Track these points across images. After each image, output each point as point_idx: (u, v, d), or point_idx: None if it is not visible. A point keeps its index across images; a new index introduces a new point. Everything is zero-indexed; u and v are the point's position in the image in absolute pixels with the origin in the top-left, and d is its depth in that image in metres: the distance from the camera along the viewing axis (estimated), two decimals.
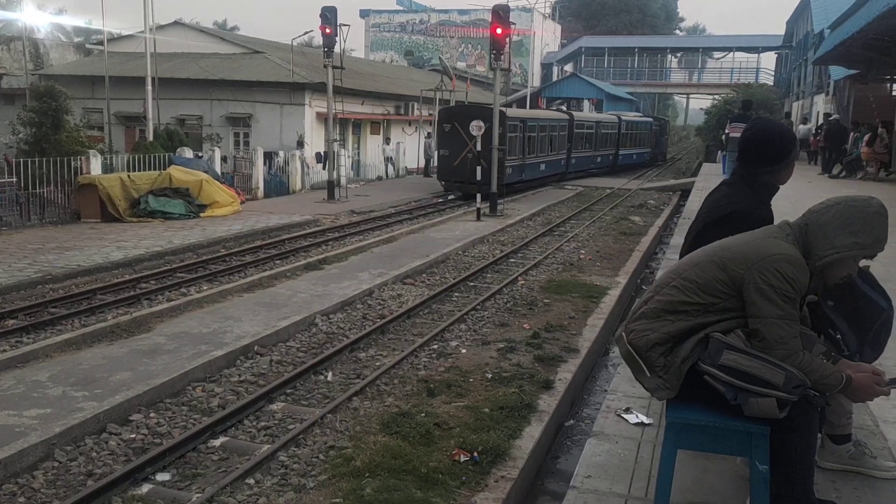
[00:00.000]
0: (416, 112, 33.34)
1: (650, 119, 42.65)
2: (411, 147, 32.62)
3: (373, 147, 30.61)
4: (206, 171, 18.43)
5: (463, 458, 5.56)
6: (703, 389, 2.84)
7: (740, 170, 3.55)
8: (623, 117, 36.72)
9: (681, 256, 3.44)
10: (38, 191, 15.61)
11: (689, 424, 2.85)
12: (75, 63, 30.19)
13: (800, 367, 2.74)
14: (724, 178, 3.82)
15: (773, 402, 2.69)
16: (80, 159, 16.51)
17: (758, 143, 3.43)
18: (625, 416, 4.26)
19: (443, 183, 23.94)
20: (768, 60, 58.40)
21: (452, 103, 34.49)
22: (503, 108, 23.51)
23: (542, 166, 27.06)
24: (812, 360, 2.80)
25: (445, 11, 57.83)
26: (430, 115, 33.78)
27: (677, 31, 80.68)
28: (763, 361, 2.73)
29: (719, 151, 27.52)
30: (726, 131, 18.11)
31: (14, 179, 15.34)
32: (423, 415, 6.35)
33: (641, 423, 4.18)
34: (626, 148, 36.13)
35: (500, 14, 18.68)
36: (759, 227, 3.07)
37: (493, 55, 19.22)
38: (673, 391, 2.91)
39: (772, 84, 52.28)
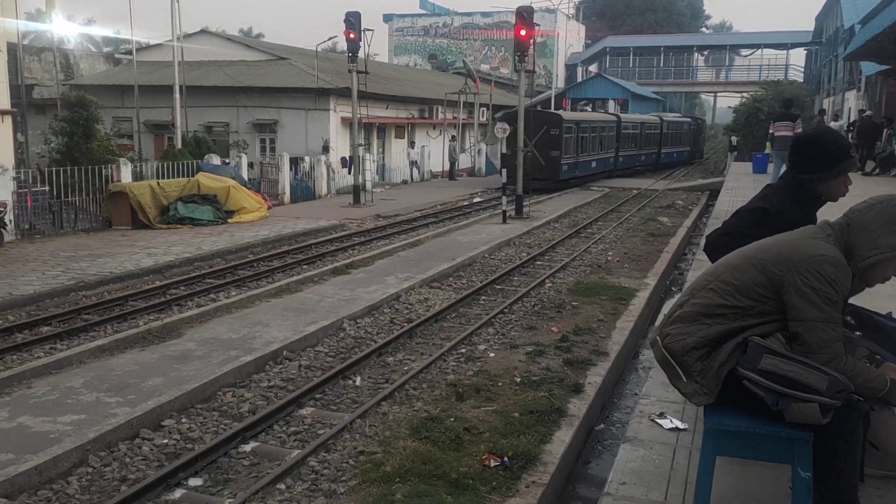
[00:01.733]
0: (441, 115, 33.36)
1: (689, 119, 44.80)
2: (436, 150, 32.64)
3: (397, 151, 30.68)
4: (233, 178, 18.60)
5: (493, 464, 5.52)
6: (742, 395, 2.77)
7: (788, 175, 3.46)
8: (664, 118, 39.37)
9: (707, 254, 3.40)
10: (70, 199, 15.86)
11: (727, 430, 2.78)
12: (105, 73, 30.66)
13: (843, 371, 2.66)
14: (769, 183, 3.75)
15: (815, 407, 2.61)
16: (111, 167, 16.75)
17: (805, 148, 3.34)
18: (659, 421, 4.18)
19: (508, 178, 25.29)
20: (797, 57, 57.63)
21: (476, 106, 34.55)
22: (558, 112, 28.01)
23: (594, 164, 29.44)
24: (855, 363, 2.72)
25: (468, 14, 57.83)
26: (455, 118, 33.81)
27: (704, 29, 79.75)
28: (804, 366, 2.66)
29: (753, 153, 27.13)
30: (770, 130, 17.83)
31: (47, 188, 15.60)
32: (452, 419, 6.32)
33: (676, 429, 4.11)
34: (668, 147, 38.29)
35: (524, 16, 18.62)
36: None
37: (517, 57, 19.16)
38: (711, 396, 2.84)
39: (801, 81, 51.52)
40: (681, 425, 4.15)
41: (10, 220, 14.07)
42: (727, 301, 2.84)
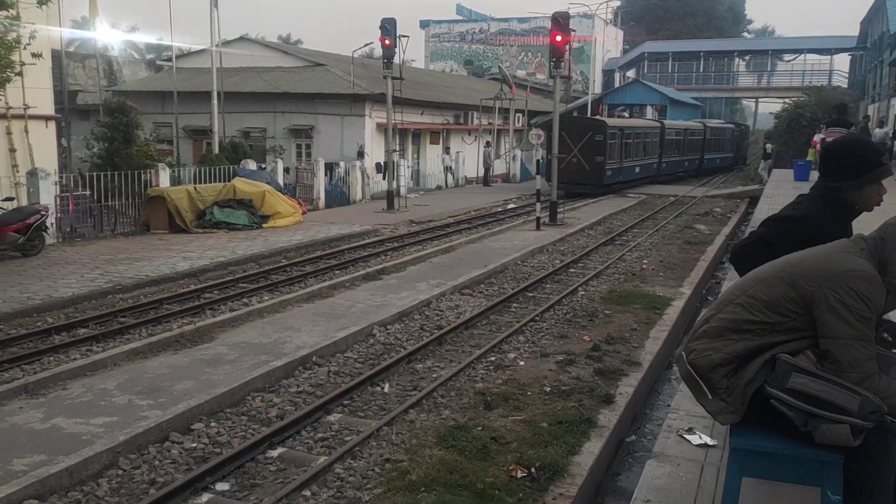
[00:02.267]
0: (476, 121, 33.34)
1: (732, 125, 44.92)
2: (470, 156, 32.61)
3: (432, 157, 30.72)
4: (268, 183, 18.80)
5: (520, 474, 5.46)
6: (770, 414, 2.67)
7: (820, 183, 3.35)
8: (708, 124, 39.67)
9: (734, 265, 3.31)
10: (110, 203, 16.17)
11: (754, 451, 2.69)
12: (146, 79, 31.26)
13: (876, 391, 2.55)
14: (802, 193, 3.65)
15: (846, 428, 2.51)
16: (150, 172, 17.04)
17: (837, 155, 3.24)
18: (687, 436, 4.08)
19: (549, 184, 26.43)
20: (842, 62, 56.33)
21: (512, 112, 34.47)
22: (603, 118, 28.90)
23: (637, 169, 30.06)
24: (889, 383, 2.61)
25: (505, 20, 57.74)
26: (490, 123, 33.75)
27: (745, 34, 78.51)
28: (835, 385, 2.55)
29: (795, 160, 26.60)
30: (822, 136, 17.50)
31: (88, 192, 15.92)
32: (479, 428, 6.27)
33: (705, 445, 4.00)
34: (711, 153, 38.76)
35: (560, 21, 18.51)
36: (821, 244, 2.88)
37: (552, 62, 19.05)
38: (737, 415, 2.74)
39: (845, 86, 50.38)
40: (710, 441, 4.04)
41: (52, 224, 14.38)
42: (755, 316, 2.74)
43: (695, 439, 4.06)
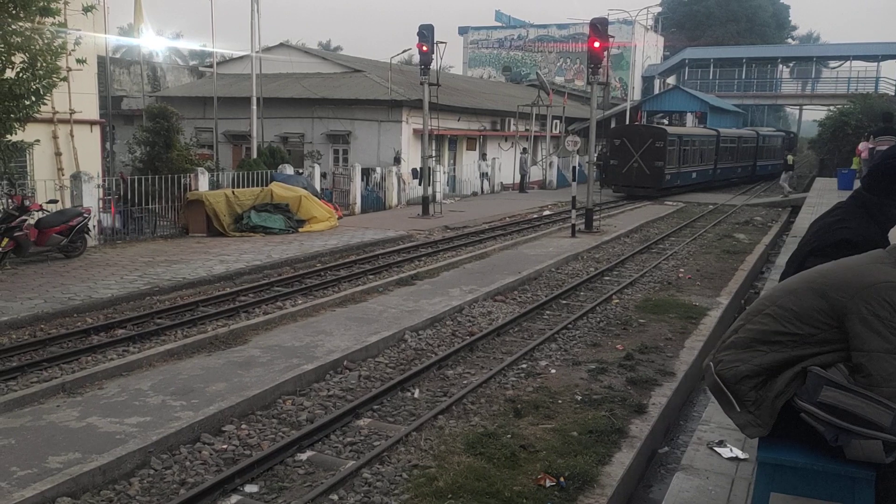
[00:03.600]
0: (513, 128, 33.26)
1: (783, 133, 47.05)
2: (507, 163, 32.54)
3: (468, 163, 30.72)
4: (305, 188, 18.97)
5: (549, 483, 5.40)
6: (800, 428, 2.59)
7: (864, 196, 3.22)
8: (760, 132, 41.65)
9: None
10: (150, 206, 16.47)
11: (783, 465, 2.61)
12: (188, 85, 31.85)
13: None
14: (840, 201, 3.47)
15: (879, 444, 2.42)
16: (189, 176, 17.32)
17: (890, 171, 3.11)
18: (718, 449, 3.98)
19: (612, 187, 29.27)
20: (889, 69, 54.94)
21: (549, 119, 34.34)
22: (663, 126, 31.11)
23: (694, 175, 31.72)
24: None
25: (544, 26, 57.55)
26: (527, 130, 33.65)
27: (789, 40, 77.06)
28: (868, 400, 2.46)
29: (839, 169, 26.08)
30: (870, 145, 17.19)
31: (129, 196, 16.24)
32: (508, 436, 6.22)
33: (736, 458, 3.90)
34: (763, 159, 40.35)
35: (598, 27, 18.39)
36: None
37: (590, 69, 18.92)
38: (765, 429, 2.66)
39: (893, 94, 49.12)
40: (741, 455, 3.94)
41: (94, 226, 14.69)
42: (785, 328, 2.66)
43: (725, 452, 3.96)
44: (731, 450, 3.97)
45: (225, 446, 6.14)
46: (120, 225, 15.90)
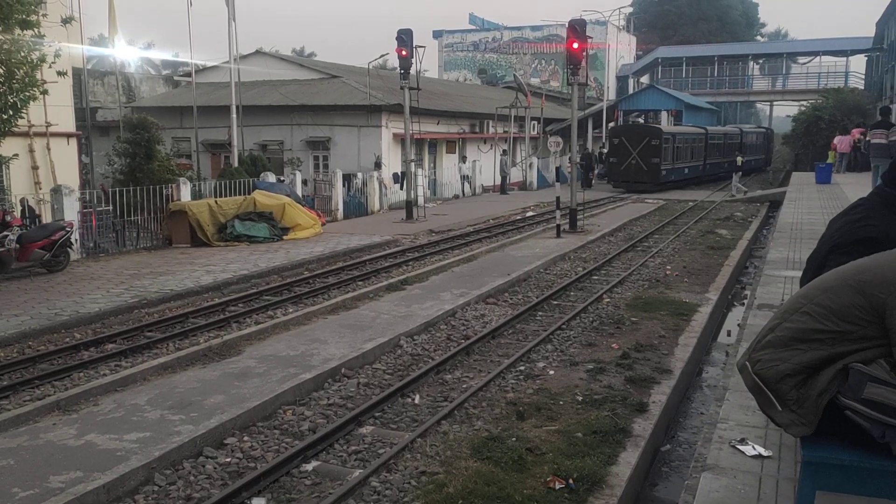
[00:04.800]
0: (492, 130, 33.32)
1: (764, 129, 49.70)
2: (487, 165, 32.58)
3: (449, 166, 30.72)
4: (288, 195, 18.84)
5: (558, 486, 5.39)
6: (844, 425, 2.59)
7: (888, 192, 3.23)
8: (744, 129, 44.91)
9: (803, 283, 3.16)
10: (132, 218, 16.25)
11: (827, 464, 2.60)
12: (164, 94, 31.52)
13: None
14: (861, 198, 3.47)
15: None
16: (171, 187, 17.13)
17: None
18: (740, 447, 3.98)
19: (612, 183, 32.34)
20: (857, 63, 55.85)
21: (528, 120, 34.48)
22: (659, 126, 33.84)
23: (686, 170, 34.20)
24: None
25: (518, 28, 57.79)
26: (505, 132, 33.73)
27: (759, 38, 78.08)
28: None
29: (816, 163, 26.63)
30: (867, 138, 17.78)
31: (110, 208, 16.02)
32: (513, 439, 6.21)
33: (759, 456, 3.90)
34: (747, 155, 41.93)
35: (577, 28, 18.46)
36: None
37: (569, 70, 19.00)
38: (810, 427, 2.66)
39: (862, 88, 49.96)
40: (764, 452, 3.94)
41: (76, 240, 14.46)
42: (824, 325, 2.66)
43: (748, 450, 3.96)
44: (753, 448, 3.97)
45: (228, 459, 6.06)
46: (102, 237, 15.66)
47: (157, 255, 15.41)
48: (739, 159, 34.26)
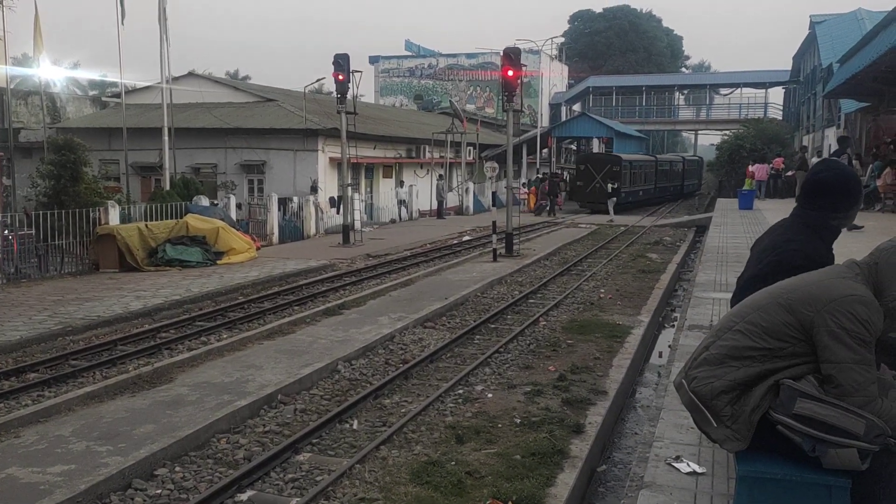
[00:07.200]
0: (428, 155, 33.54)
1: (698, 158, 56.75)
2: (424, 190, 32.73)
3: (385, 190, 30.75)
4: (222, 219, 18.50)
5: None
6: (776, 439, 2.69)
7: (807, 213, 3.38)
8: (685, 157, 52.84)
9: (733, 303, 3.29)
10: (57, 242, 15.66)
11: (762, 478, 2.69)
12: (91, 116, 30.65)
13: (879, 414, 2.58)
14: (781, 220, 3.63)
15: (854, 453, 2.53)
16: (99, 210, 16.60)
17: (836, 188, 3.30)
18: (676, 465, 4.07)
19: (578, 203, 36.19)
20: (776, 95, 58.67)
21: (463, 146, 34.86)
22: (619, 154, 37.21)
23: (640, 193, 38.87)
24: (892, 406, 2.64)
25: (453, 55, 58.57)
26: (442, 157, 34.00)
27: (683, 69, 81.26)
28: (841, 409, 2.58)
29: (738, 190, 28.17)
30: (763, 166, 19.35)
31: (33, 231, 15.41)
32: (453, 463, 6.19)
33: (694, 473, 4.00)
34: (687, 180, 50.15)
35: (511, 56, 18.83)
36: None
37: (504, 96, 19.33)
38: (744, 442, 2.75)
39: (780, 118, 52.43)
40: (698, 469, 4.04)
41: None
42: (755, 343, 2.76)
43: (683, 467, 4.05)
44: (688, 465, 4.07)
45: (159, 491, 5.85)
46: (24, 262, 15.02)
47: (83, 281, 14.87)
48: (610, 186, 34.76)
